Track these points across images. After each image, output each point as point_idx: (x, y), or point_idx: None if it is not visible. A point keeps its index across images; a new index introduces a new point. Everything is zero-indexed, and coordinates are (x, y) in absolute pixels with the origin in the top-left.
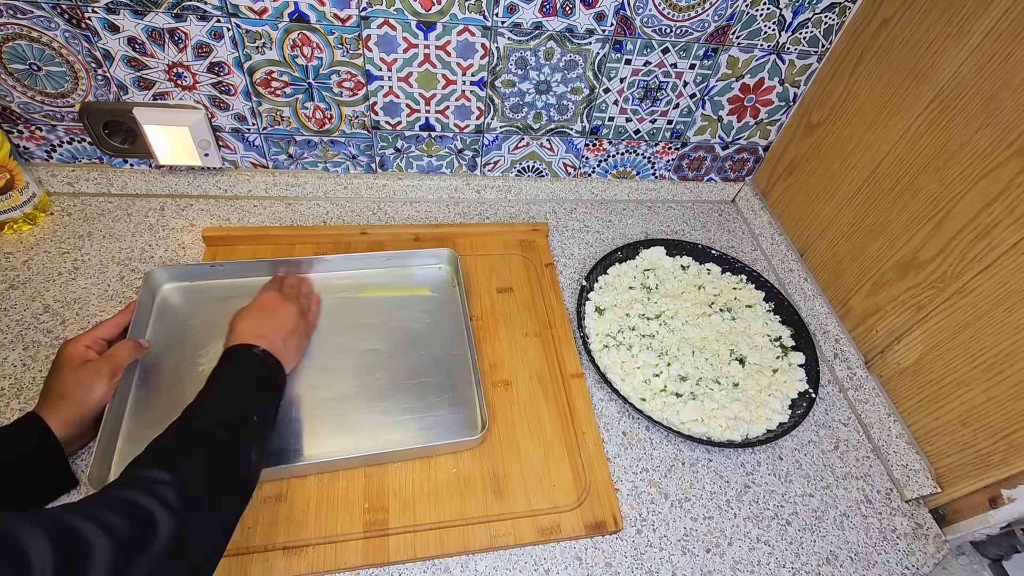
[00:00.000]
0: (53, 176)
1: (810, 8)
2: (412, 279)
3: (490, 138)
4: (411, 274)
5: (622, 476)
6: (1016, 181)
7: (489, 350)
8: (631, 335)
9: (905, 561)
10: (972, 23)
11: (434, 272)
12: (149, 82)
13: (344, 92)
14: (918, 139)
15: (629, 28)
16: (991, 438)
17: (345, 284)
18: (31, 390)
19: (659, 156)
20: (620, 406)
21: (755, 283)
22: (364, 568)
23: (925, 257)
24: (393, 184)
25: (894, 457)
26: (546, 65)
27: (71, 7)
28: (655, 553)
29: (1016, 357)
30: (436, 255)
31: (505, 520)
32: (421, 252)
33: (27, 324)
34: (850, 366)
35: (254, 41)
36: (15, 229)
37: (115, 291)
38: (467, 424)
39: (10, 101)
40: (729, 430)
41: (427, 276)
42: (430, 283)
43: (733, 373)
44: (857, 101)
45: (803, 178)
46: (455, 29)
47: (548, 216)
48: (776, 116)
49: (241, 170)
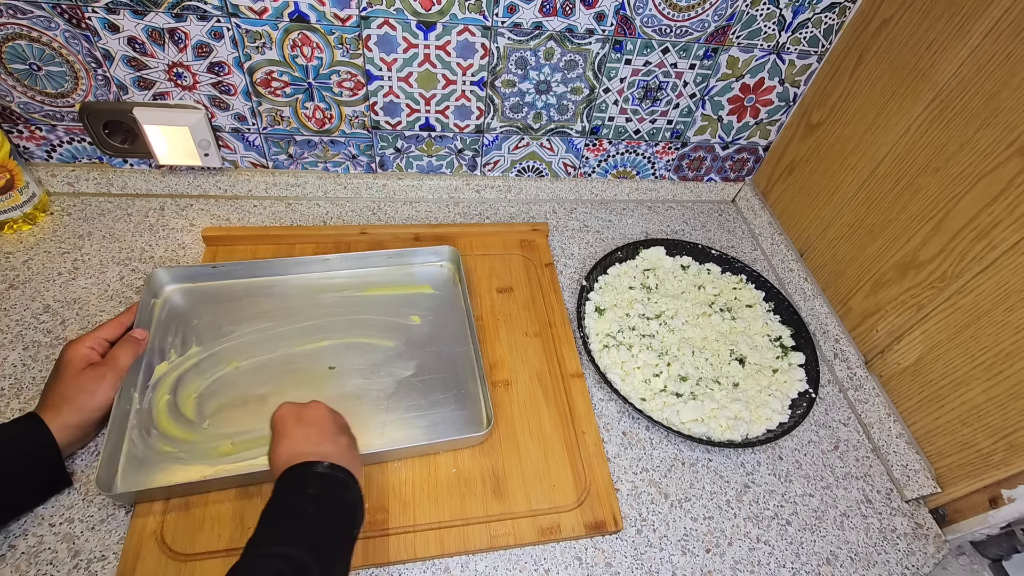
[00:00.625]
0: (53, 176)
1: (810, 8)
2: (414, 277)
3: (490, 138)
4: (413, 272)
5: (622, 476)
6: (1016, 181)
7: (489, 350)
8: (631, 335)
9: (905, 561)
10: (972, 23)
11: (436, 270)
12: (149, 82)
13: (344, 92)
14: (918, 139)
15: (629, 28)
16: (991, 438)
17: (347, 283)
18: (31, 390)
19: (659, 156)
20: (620, 406)
21: (755, 283)
22: (364, 568)
23: (925, 257)
24: (393, 184)
25: (894, 457)
26: (546, 65)
27: (71, 7)
28: (655, 553)
29: (1016, 357)
30: (438, 252)
31: (505, 520)
32: (423, 250)
33: (27, 324)
34: (850, 366)
35: (254, 41)
36: (15, 229)
37: (115, 291)
38: (472, 421)
39: (10, 101)
40: (729, 430)
41: (429, 274)
42: (432, 281)
43: (733, 373)
44: (857, 101)
45: (803, 178)
46: (455, 29)
47: (548, 216)
48: (776, 116)
49: (241, 170)
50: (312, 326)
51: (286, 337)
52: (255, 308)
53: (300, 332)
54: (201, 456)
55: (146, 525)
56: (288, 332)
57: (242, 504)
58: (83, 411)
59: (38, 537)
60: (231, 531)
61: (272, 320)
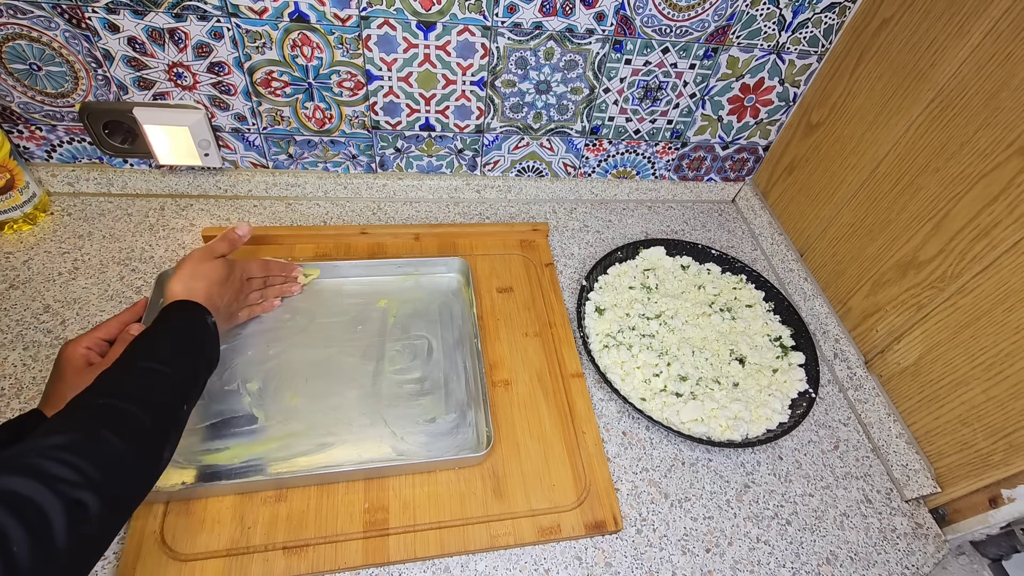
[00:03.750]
0: (53, 176)
1: (810, 8)
2: (421, 288)
3: (490, 138)
4: (421, 283)
5: (622, 476)
6: (1016, 181)
7: (489, 350)
8: (631, 335)
9: (905, 561)
10: (972, 23)
11: (444, 281)
12: (149, 82)
13: (344, 92)
14: (918, 139)
15: (629, 28)
16: (991, 438)
17: (354, 291)
18: (31, 390)
19: (659, 156)
20: (620, 406)
21: (755, 283)
22: (364, 568)
23: (925, 257)
24: (393, 184)
25: (894, 457)
26: (546, 65)
27: (71, 7)
28: (655, 553)
29: (1016, 357)
30: (447, 264)
31: (505, 520)
32: (432, 260)
33: (27, 324)
34: (850, 366)
35: (254, 41)
36: (15, 229)
37: (115, 291)
38: (472, 439)
39: (10, 101)
40: (729, 430)
41: (437, 285)
42: (439, 292)
43: (733, 373)
44: (857, 101)
45: (803, 178)
46: (455, 29)
47: (548, 216)
48: (776, 116)
49: (241, 170)
50: (316, 335)
51: (288, 342)
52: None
53: (304, 339)
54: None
55: (146, 525)
56: (291, 337)
57: (242, 504)
58: None
59: None
60: (231, 531)
61: (276, 324)
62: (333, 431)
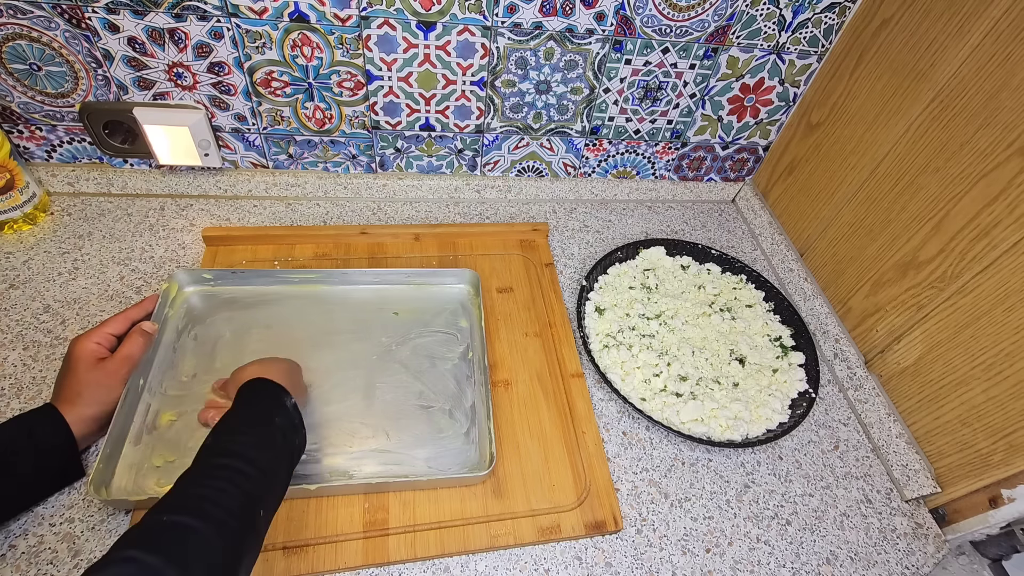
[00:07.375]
0: (53, 176)
1: (810, 8)
2: (430, 298)
3: (490, 138)
4: (429, 293)
5: (622, 476)
6: (1016, 181)
7: (489, 350)
8: (631, 335)
9: (905, 561)
10: (972, 23)
11: (454, 293)
12: (149, 82)
13: (344, 92)
14: (918, 139)
15: (629, 28)
16: (991, 438)
17: (363, 300)
18: (31, 390)
19: (659, 156)
20: (620, 406)
21: (755, 283)
22: (364, 568)
23: (925, 257)
24: (393, 184)
25: (894, 457)
26: (546, 65)
27: (71, 7)
28: (655, 553)
29: (1016, 357)
30: (457, 275)
31: (505, 520)
32: (442, 271)
33: (27, 324)
34: (850, 366)
35: (254, 41)
36: (15, 229)
37: (115, 291)
38: (475, 456)
39: (10, 101)
40: (729, 430)
41: (445, 295)
42: (447, 303)
43: (733, 373)
44: (857, 101)
45: (803, 178)
46: (455, 29)
47: (548, 216)
48: (776, 116)
49: (241, 170)
50: (320, 343)
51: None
52: (268, 318)
53: (310, 345)
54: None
55: None
56: (296, 343)
57: None
58: (101, 404)
59: (38, 537)
60: None
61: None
62: (334, 442)
